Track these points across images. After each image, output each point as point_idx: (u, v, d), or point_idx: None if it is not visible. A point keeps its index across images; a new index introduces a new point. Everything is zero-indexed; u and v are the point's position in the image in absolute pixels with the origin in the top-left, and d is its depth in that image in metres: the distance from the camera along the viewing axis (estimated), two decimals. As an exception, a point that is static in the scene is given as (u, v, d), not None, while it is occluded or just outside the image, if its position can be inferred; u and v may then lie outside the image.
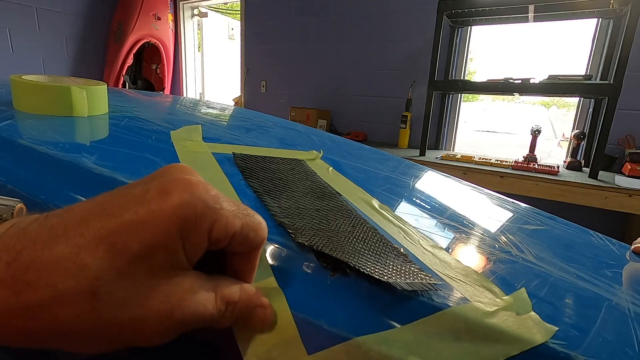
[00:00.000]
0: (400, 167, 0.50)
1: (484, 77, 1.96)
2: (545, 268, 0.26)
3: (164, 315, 0.14)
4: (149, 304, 0.14)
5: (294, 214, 0.25)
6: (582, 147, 1.90)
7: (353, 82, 2.65)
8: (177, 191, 0.14)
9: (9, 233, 0.13)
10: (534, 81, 1.74)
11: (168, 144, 0.35)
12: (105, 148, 0.33)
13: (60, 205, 0.24)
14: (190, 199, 0.14)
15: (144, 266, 0.14)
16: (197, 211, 0.14)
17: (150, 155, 0.31)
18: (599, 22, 1.92)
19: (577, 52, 9.62)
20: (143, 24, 3.20)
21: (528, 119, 11.45)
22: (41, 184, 0.26)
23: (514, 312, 0.20)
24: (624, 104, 1.72)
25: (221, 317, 0.16)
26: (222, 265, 0.18)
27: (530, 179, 1.64)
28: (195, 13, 3.65)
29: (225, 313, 0.16)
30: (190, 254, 0.15)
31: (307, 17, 2.77)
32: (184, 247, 0.14)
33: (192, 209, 0.14)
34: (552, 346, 0.18)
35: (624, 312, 0.22)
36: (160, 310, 0.14)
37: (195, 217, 0.14)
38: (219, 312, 0.16)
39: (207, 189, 0.15)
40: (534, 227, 0.36)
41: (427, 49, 2.15)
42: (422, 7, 2.31)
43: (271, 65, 3.04)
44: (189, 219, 0.14)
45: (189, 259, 0.15)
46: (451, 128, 2.44)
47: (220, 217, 0.15)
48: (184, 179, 0.15)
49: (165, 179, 0.15)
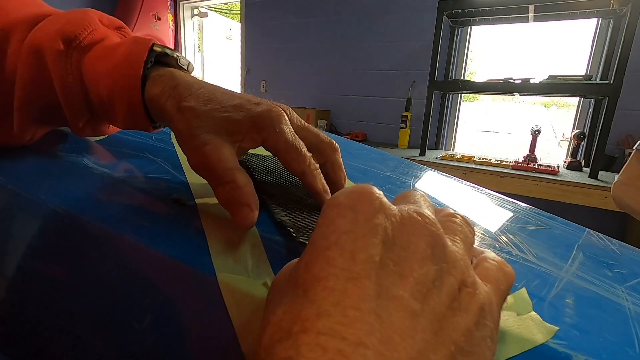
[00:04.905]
0: (400, 167, 0.50)
1: (484, 77, 1.96)
2: (546, 268, 0.26)
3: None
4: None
5: (295, 212, 0.25)
6: (582, 147, 1.90)
7: (353, 82, 2.65)
8: (265, 103, 0.23)
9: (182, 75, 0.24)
10: (534, 81, 1.74)
11: (168, 144, 0.35)
12: (105, 147, 0.33)
13: (60, 206, 0.24)
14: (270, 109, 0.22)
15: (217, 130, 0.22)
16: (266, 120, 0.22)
17: (150, 155, 0.31)
18: (599, 22, 1.93)
19: (577, 52, 9.65)
20: (143, 24, 3.20)
21: (528, 119, 11.45)
22: (41, 184, 0.26)
23: (514, 312, 0.20)
24: (624, 104, 1.72)
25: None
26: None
27: (530, 179, 1.64)
28: (195, 13, 3.65)
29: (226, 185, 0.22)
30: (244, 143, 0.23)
31: (307, 17, 2.77)
32: (245, 137, 0.22)
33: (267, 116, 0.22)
34: (553, 346, 0.18)
35: (624, 312, 0.22)
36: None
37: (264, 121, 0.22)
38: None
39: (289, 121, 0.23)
40: (534, 227, 0.36)
41: (427, 49, 2.15)
42: (422, 7, 2.31)
43: (271, 65, 3.04)
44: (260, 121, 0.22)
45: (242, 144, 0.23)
46: (451, 128, 2.44)
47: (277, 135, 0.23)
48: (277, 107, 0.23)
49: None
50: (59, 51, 0.24)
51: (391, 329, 0.11)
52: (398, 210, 0.14)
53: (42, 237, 0.24)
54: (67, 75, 0.25)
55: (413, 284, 0.12)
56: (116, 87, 0.24)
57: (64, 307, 0.23)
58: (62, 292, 0.23)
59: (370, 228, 0.13)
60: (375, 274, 0.12)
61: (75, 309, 0.23)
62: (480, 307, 0.13)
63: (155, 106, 0.23)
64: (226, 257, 0.20)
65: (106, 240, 0.22)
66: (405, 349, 0.11)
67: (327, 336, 0.10)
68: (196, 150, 0.22)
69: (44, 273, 0.24)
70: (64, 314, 0.23)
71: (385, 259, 0.12)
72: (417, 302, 0.12)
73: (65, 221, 0.23)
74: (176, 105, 0.22)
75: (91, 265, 0.22)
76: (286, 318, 0.12)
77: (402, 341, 0.11)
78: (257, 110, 0.22)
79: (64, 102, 0.25)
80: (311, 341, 0.10)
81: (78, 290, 0.23)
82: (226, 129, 0.22)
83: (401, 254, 0.12)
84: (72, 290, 0.23)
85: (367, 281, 0.11)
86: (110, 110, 0.25)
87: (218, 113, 0.22)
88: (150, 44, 0.24)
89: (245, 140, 0.23)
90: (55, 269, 0.24)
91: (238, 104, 0.22)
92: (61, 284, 0.23)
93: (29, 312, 0.25)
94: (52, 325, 0.24)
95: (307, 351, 0.10)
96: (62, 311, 0.23)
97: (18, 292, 0.25)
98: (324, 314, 0.11)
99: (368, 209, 0.13)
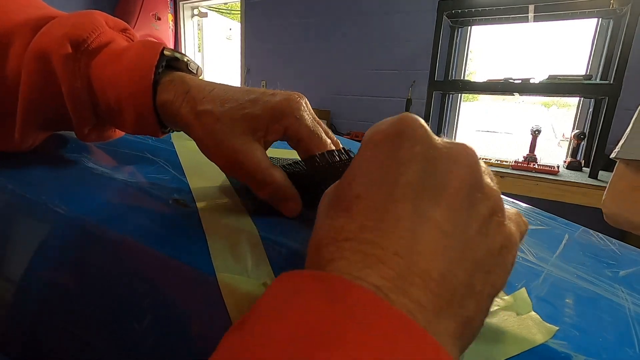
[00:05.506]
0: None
1: (484, 77, 1.96)
2: (545, 268, 0.26)
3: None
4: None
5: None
6: (582, 147, 1.90)
7: (353, 82, 2.65)
8: (280, 93, 0.23)
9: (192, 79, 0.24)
10: (534, 81, 1.74)
11: (168, 144, 0.35)
12: (105, 148, 0.33)
13: (61, 206, 0.24)
14: (287, 97, 0.22)
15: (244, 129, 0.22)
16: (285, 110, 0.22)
17: (150, 155, 0.31)
18: (599, 22, 1.92)
19: (577, 52, 9.63)
20: (143, 24, 3.20)
21: (528, 119, 11.46)
22: (41, 185, 0.26)
23: (514, 312, 0.20)
24: (624, 104, 1.72)
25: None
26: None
27: (530, 179, 1.64)
28: (195, 13, 3.65)
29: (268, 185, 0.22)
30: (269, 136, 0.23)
31: (307, 17, 2.77)
32: (268, 130, 0.22)
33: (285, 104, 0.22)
34: (553, 346, 0.18)
35: (624, 312, 0.22)
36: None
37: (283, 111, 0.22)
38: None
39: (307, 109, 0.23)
40: (534, 227, 0.36)
41: (427, 49, 2.15)
42: (422, 7, 2.31)
43: (271, 65, 3.04)
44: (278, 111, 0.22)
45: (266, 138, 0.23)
46: (451, 128, 2.44)
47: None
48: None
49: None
50: (67, 55, 0.24)
51: (424, 245, 0.12)
52: (442, 141, 0.15)
53: (42, 238, 0.24)
54: (75, 80, 0.24)
55: (447, 209, 0.13)
56: (126, 93, 0.23)
57: (64, 307, 0.23)
58: (62, 292, 0.23)
59: (413, 154, 0.14)
60: (413, 197, 0.13)
61: (76, 309, 0.23)
62: (506, 237, 0.14)
63: (168, 112, 0.23)
64: (226, 257, 0.20)
65: (106, 241, 0.22)
66: (434, 262, 0.12)
67: (368, 245, 0.12)
68: (228, 159, 0.22)
69: (44, 273, 0.24)
70: (64, 314, 0.23)
71: (425, 184, 0.13)
72: (449, 224, 0.13)
73: (65, 222, 0.23)
74: (192, 110, 0.22)
75: (91, 266, 0.22)
76: (332, 229, 0.13)
77: (432, 256, 0.12)
78: (275, 100, 0.22)
79: (70, 107, 0.25)
80: (353, 247, 0.12)
81: (78, 291, 0.23)
82: (248, 126, 0.22)
83: (440, 181, 0.13)
84: (72, 291, 0.23)
85: (405, 203, 0.13)
86: (119, 116, 0.25)
87: (237, 111, 0.22)
88: (160, 49, 0.24)
89: (269, 134, 0.23)
90: (56, 269, 0.24)
91: (254, 98, 0.22)
92: (61, 284, 0.23)
93: (29, 312, 0.25)
94: (52, 325, 0.24)
95: (350, 254, 0.12)
96: (63, 311, 0.23)
97: (18, 293, 0.25)
98: (365, 228, 0.13)
99: (413, 136, 0.14)
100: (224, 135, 0.22)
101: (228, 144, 0.22)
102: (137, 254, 0.21)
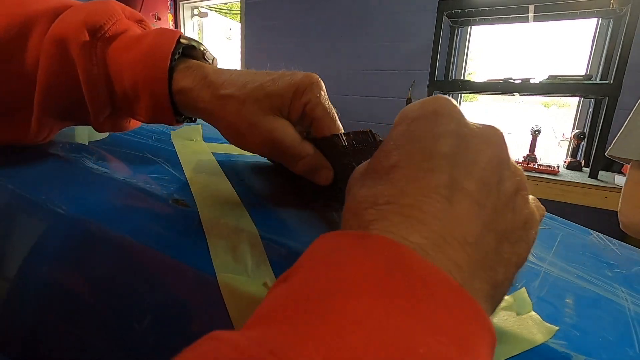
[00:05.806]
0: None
1: (484, 77, 1.96)
2: (545, 268, 0.26)
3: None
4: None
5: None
6: (582, 147, 1.90)
7: (353, 82, 2.65)
8: (300, 73, 0.23)
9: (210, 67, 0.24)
10: (534, 81, 1.74)
11: (168, 144, 0.35)
12: (105, 148, 0.33)
13: (61, 206, 0.24)
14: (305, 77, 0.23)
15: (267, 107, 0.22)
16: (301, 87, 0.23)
17: (150, 155, 0.31)
18: (599, 22, 1.92)
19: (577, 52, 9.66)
20: (143, 24, 3.20)
21: (528, 119, 11.45)
22: (41, 185, 0.26)
23: (514, 312, 0.20)
24: (624, 104, 1.72)
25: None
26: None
27: (530, 179, 1.63)
28: (195, 13, 3.65)
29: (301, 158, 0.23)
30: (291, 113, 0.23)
31: (307, 17, 2.77)
32: (291, 106, 0.23)
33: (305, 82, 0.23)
34: (553, 346, 0.18)
35: (624, 312, 0.22)
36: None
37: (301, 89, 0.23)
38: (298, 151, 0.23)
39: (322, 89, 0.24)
40: (534, 227, 0.36)
41: (427, 49, 2.15)
42: (422, 7, 2.31)
43: (271, 65, 3.01)
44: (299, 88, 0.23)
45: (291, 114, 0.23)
46: (451, 128, 2.44)
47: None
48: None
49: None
50: (84, 42, 0.24)
51: (459, 212, 0.13)
52: (474, 122, 0.16)
53: (42, 238, 0.24)
54: (92, 66, 0.24)
55: (479, 182, 0.14)
56: (141, 78, 0.23)
57: (64, 307, 0.23)
58: (62, 292, 0.23)
59: (449, 131, 0.15)
60: (449, 169, 0.14)
61: (75, 309, 0.23)
62: (530, 212, 0.15)
63: (187, 99, 0.23)
64: (226, 257, 0.20)
65: (106, 241, 0.22)
66: (470, 227, 0.13)
67: (408, 207, 0.13)
68: (264, 139, 0.22)
69: (44, 273, 0.24)
70: (64, 314, 0.23)
71: (458, 158, 0.14)
72: (481, 195, 0.14)
73: (65, 222, 0.23)
74: (214, 95, 0.22)
75: (91, 265, 0.22)
76: (370, 195, 0.14)
77: (468, 222, 0.13)
78: (297, 77, 0.23)
79: (87, 94, 0.25)
80: (394, 210, 0.13)
81: (78, 290, 0.23)
82: (273, 104, 0.22)
83: (472, 156, 0.14)
84: (72, 290, 0.23)
85: (441, 174, 0.14)
86: (134, 103, 0.25)
87: (259, 92, 0.22)
88: (177, 36, 0.24)
89: (292, 111, 0.23)
90: (56, 269, 0.24)
91: (275, 77, 0.23)
92: (61, 284, 0.23)
93: (29, 312, 0.25)
94: (52, 325, 0.24)
95: (391, 216, 0.13)
96: (63, 311, 0.23)
97: (18, 292, 0.25)
98: (405, 193, 0.14)
99: (449, 114, 0.15)
100: (255, 116, 0.22)
101: (261, 124, 0.22)
102: (137, 254, 0.21)
